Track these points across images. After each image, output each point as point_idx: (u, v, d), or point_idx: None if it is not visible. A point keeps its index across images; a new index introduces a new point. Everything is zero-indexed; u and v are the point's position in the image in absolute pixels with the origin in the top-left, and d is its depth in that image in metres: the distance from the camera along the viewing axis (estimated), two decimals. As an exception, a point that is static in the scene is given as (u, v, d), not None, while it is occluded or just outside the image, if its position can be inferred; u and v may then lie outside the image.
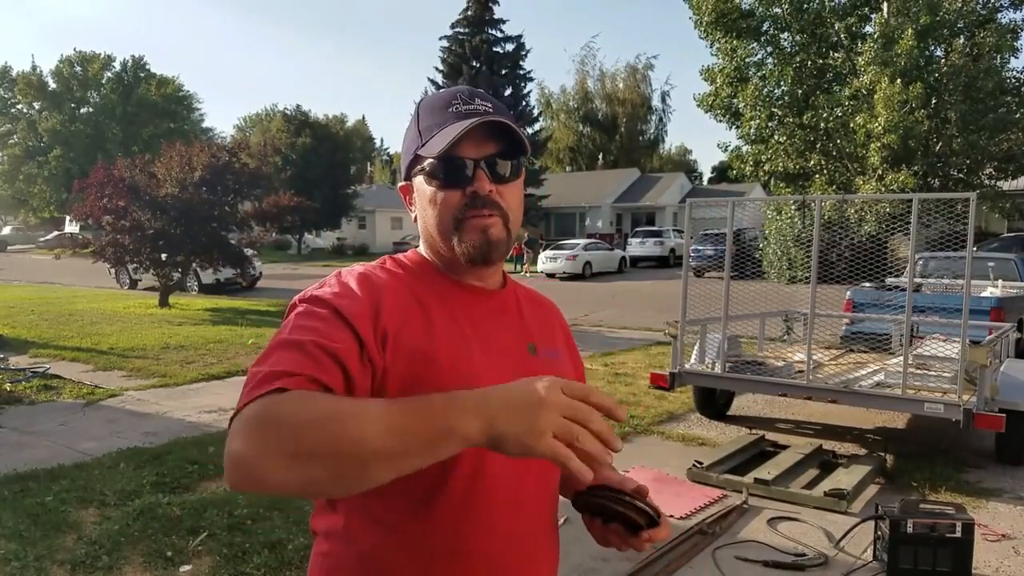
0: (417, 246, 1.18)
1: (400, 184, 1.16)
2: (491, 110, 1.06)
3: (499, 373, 1.03)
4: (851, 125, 17.55)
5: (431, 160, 1.04)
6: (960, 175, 18.15)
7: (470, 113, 1.05)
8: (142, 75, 51.95)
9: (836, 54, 19.27)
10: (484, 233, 1.05)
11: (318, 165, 36.00)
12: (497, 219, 1.06)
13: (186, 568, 3.52)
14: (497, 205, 1.06)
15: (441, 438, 0.80)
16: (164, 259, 13.98)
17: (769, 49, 19.62)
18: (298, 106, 40.10)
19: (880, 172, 17.23)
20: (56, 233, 39.08)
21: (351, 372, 0.91)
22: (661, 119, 53.29)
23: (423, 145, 1.06)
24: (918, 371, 5.18)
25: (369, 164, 59.31)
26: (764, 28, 19.43)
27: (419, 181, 1.09)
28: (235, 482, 0.81)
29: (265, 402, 0.82)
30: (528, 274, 25.45)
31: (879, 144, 16.62)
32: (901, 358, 5.15)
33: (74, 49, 60.65)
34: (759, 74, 19.52)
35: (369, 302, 0.99)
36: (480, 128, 1.02)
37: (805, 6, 18.66)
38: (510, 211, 1.08)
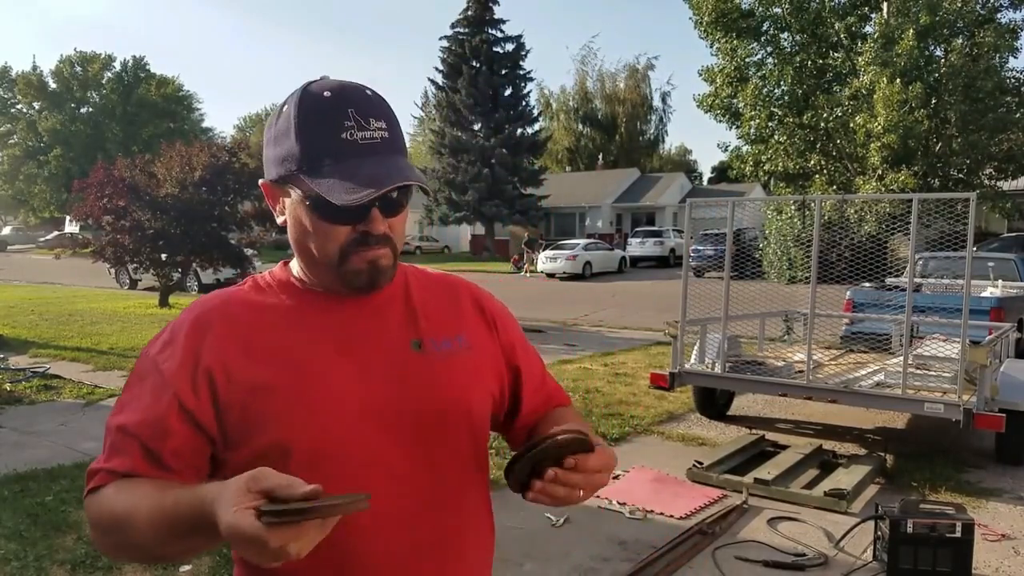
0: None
1: (262, 182, 1.06)
2: (386, 132, 0.98)
3: (363, 383, 1.01)
4: (851, 125, 17.56)
5: (319, 195, 0.95)
6: (960, 175, 18.15)
7: (367, 143, 0.96)
8: (142, 75, 51.96)
9: (836, 54, 19.27)
10: (373, 264, 1.00)
11: (318, 165, 35.93)
12: (386, 251, 1.00)
13: (186, 568, 3.52)
14: (388, 240, 1.00)
15: (199, 543, 0.91)
16: (164, 259, 13.99)
17: (769, 49, 19.63)
18: (298, 106, 40.02)
19: (880, 172, 17.24)
20: (56, 233, 39.10)
21: (147, 443, 0.96)
22: (661, 119, 53.36)
23: (306, 170, 0.96)
24: (918, 371, 5.18)
25: (369, 164, 59.24)
26: (764, 28, 19.44)
27: (295, 198, 1.00)
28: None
29: (86, 503, 0.98)
30: (528, 274, 25.45)
31: (879, 144, 16.62)
32: (901, 358, 5.15)
33: (74, 49, 60.73)
34: (759, 74, 19.53)
35: (191, 350, 0.99)
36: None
37: (805, 6, 18.66)
38: (397, 239, 1.03)
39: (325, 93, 0.98)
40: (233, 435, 0.98)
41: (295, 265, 1.08)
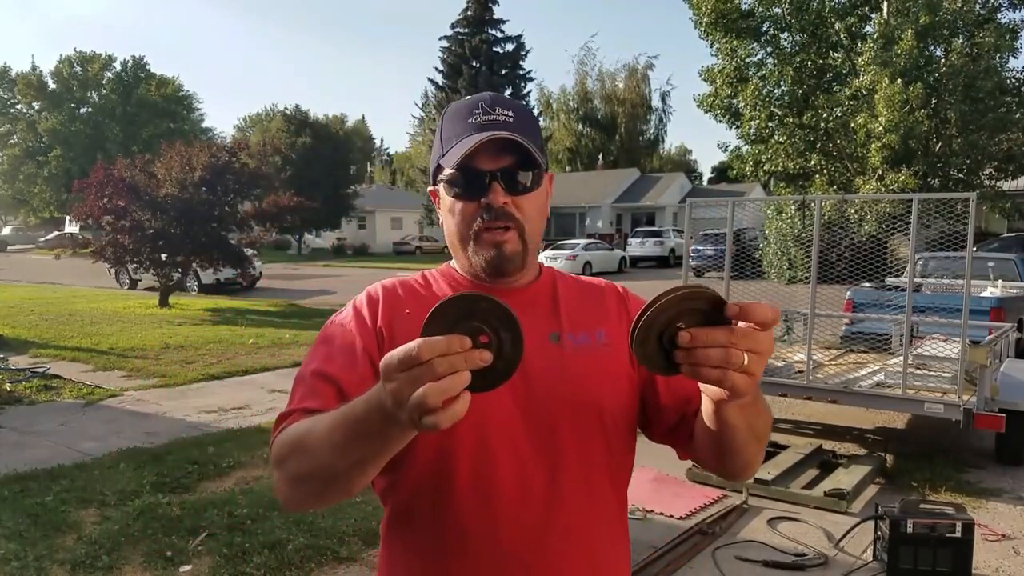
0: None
1: (430, 188, 1.21)
2: (511, 119, 1.08)
3: None
4: (851, 125, 17.53)
5: (449, 171, 1.08)
6: (960, 175, 18.11)
7: (489, 123, 1.07)
8: (142, 75, 51.95)
9: (836, 54, 19.24)
10: (498, 248, 1.08)
11: (318, 165, 35.99)
12: (512, 233, 1.08)
13: (186, 568, 3.52)
14: (511, 217, 1.07)
15: (372, 440, 0.85)
16: (164, 259, 13.97)
17: (769, 49, 19.59)
18: (298, 106, 40.11)
19: (880, 172, 17.22)
20: (56, 233, 39.10)
21: (342, 385, 1.03)
22: (661, 119, 53.28)
23: (444, 155, 1.10)
24: (918, 371, 5.18)
25: (369, 164, 59.34)
26: (764, 28, 19.40)
27: (441, 189, 1.13)
28: (283, 507, 1.04)
29: (273, 443, 1.01)
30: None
31: (879, 144, 16.60)
32: (901, 358, 5.15)
33: (74, 49, 60.66)
34: (759, 74, 19.49)
35: (370, 312, 1.11)
36: (498, 140, 1.04)
37: (805, 6, 18.63)
38: (527, 222, 1.09)
39: (465, 97, 1.15)
40: None
41: (454, 261, 1.19)
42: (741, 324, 0.79)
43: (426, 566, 1.08)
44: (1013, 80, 18.18)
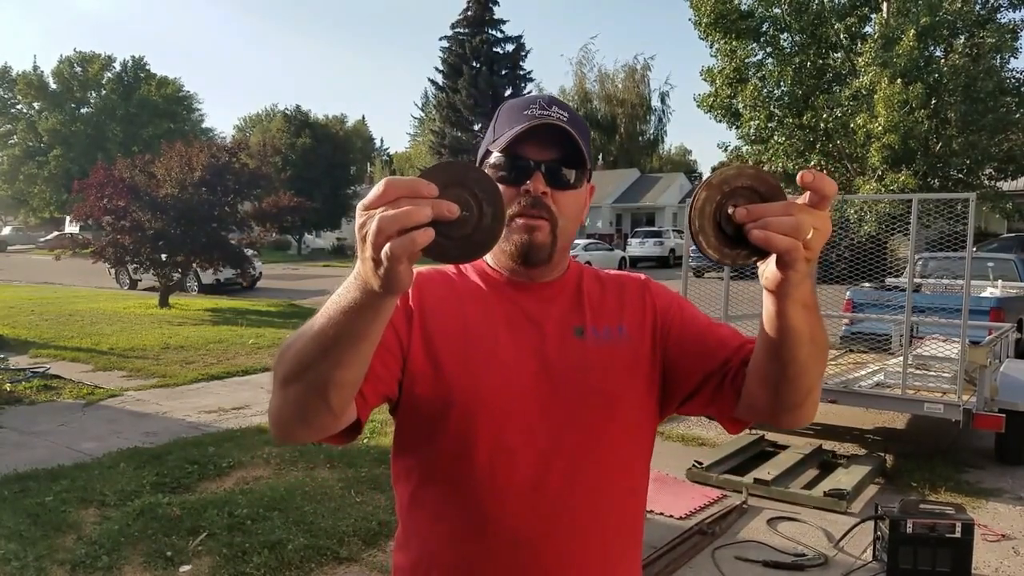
0: None
1: None
2: (565, 118, 1.10)
3: (525, 357, 1.09)
4: (851, 125, 17.53)
5: (496, 155, 1.10)
6: (960, 175, 18.11)
7: (544, 117, 1.09)
8: (142, 75, 51.94)
9: (836, 54, 19.24)
10: (528, 234, 1.08)
11: (318, 165, 36.00)
12: (544, 223, 1.08)
13: (186, 568, 3.52)
14: (547, 208, 1.08)
15: (344, 307, 0.82)
16: (164, 259, 13.96)
17: (769, 50, 19.60)
18: (298, 106, 40.16)
19: (880, 172, 17.22)
20: (56, 233, 39.00)
21: None
22: (660, 119, 53.26)
23: (494, 141, 1.12)
24: (918, 371, 5.18)
25: (369, 164, 59.26)
26: (763, 29, 19.41)
27: None
28: (272, 435, 1.05)
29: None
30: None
31: (879, 144, 16.59)
32: (901, 358, 5.16)
33: (74, 49, 60.62)
34: (758, 75, 19.50)
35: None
36: (547, 134, 1.07)
37: (805, 7, 18.64)
38: (561, 218, 1.10)
39: (523, 95, 1.18)
40: (412, 368, 1.07)
41: (488, 255, 1.18)
42: (799, 200, 0.82)
43: (440, 549, 1.10)
44: (1013, 80, 18.16)
